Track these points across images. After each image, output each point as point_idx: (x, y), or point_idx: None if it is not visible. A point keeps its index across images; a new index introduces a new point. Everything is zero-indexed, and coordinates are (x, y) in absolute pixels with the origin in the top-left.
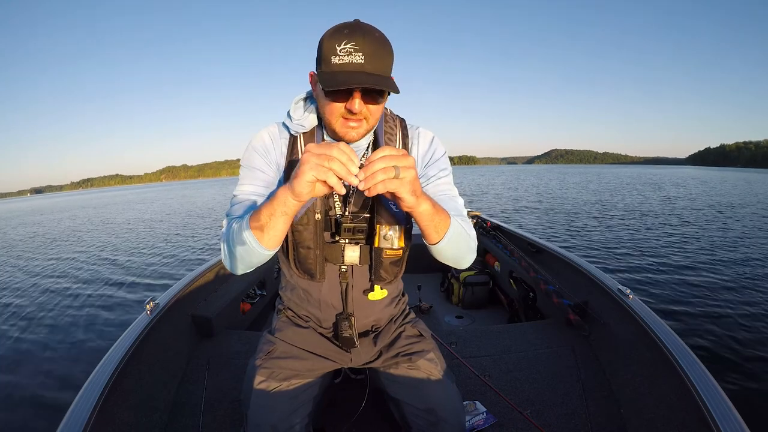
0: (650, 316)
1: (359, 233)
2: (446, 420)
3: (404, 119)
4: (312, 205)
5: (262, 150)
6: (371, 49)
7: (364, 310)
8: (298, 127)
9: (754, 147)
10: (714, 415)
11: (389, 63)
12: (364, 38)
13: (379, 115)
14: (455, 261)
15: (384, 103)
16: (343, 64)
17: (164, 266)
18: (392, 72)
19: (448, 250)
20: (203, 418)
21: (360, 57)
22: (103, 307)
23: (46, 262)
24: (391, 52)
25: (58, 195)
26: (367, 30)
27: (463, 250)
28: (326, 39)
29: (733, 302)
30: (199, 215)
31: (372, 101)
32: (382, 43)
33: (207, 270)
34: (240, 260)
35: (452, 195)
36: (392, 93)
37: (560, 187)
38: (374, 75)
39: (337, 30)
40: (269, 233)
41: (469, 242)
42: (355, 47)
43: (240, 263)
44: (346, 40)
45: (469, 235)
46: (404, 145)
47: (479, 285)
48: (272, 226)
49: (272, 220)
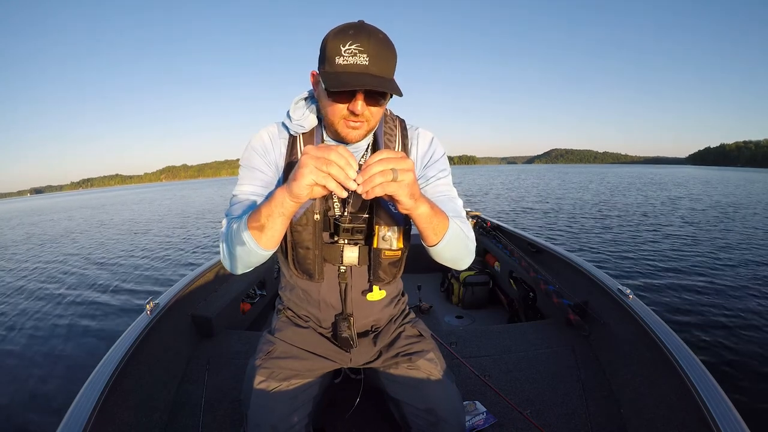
0: (650, 316)
1: (358, 234)
2: (446, 420)
3: (404, 120)
4: (311, 205)
5: (261, 150)
6: (376, 50)
7: (363, 310)
8: (297, 128)
9: (754, 146)
10: (714, 415)
11: (393, 65)
12: (368, 40)
13: (380, 117)
14: (453, 262)
15: (385, 105)
16: (347, 65)
17: (164, 266)
18: (395, 74)
19: (446, 251)
20: (203, 418)
21: (364, 58)
22: (103, 307)
23: (46, 262)
24: (394, 55)
25: (57, 195)
26: (371, 31)
27: (462, 252)
28: (330, 39)
29: (734, 302)
30: (199, 215)
31: (374, 103)
32: (386, 45)
33: (207, 270)
34: (239, 260)
35: (451, 196)
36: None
37: (560, 187)
38: (378, 77)
39: (342, 30)
40: (267, 234)
41: (467, 244)
42: (360, 48)
43: (239, 263)
44: (351, 41)
45: (468, 236)
46: (404, 146)
47: (479, 285)
48: (270, 226)
49: (270, 221)
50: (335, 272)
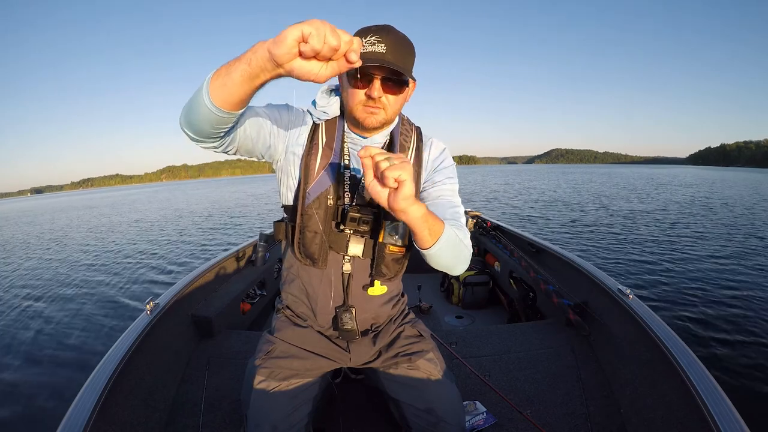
0: (650, 316)
1: (364, 224)
2: (446, 420)
3: (420, 128)
4: (325, 190)
5: (295, 111)
6: (393, 42)
7: (363, 304)
8: (321, 114)
9: (755, 146)
10: (714, 415)
11: (410, 60)
12: (388, 34)
13: (397, 108)
14: (447, 268)
15: (403, 97)
16: (366, 53)
17: (164, 266)
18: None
19: (440, 257)
20: (203, 418)
21: (382, 47)
22: (103, 307)
23: (46, 262)
24: (412, 52)
25: (57, 195)
26: (392, 29)
27: (456, 258)
28: (354, 35)
29: (734, 302)
30: (199, 215)
31: (391, 90)
32: (404, 41)
33: (207, 270)
34: (187, 104)
35: (453, 203)
36: (408, 94)
37: (560, 187)
38: (393, 63)
39: (366, 28)
40: (221, 80)
41: (462, 251)
42: (379, 40)
43: (185, 107)
44: (371, 34)
45: (464, 243)
46: (417, 149)
47: (479, 285)
48: (229, 74)
49: (233, 69)
50: (339, 262)
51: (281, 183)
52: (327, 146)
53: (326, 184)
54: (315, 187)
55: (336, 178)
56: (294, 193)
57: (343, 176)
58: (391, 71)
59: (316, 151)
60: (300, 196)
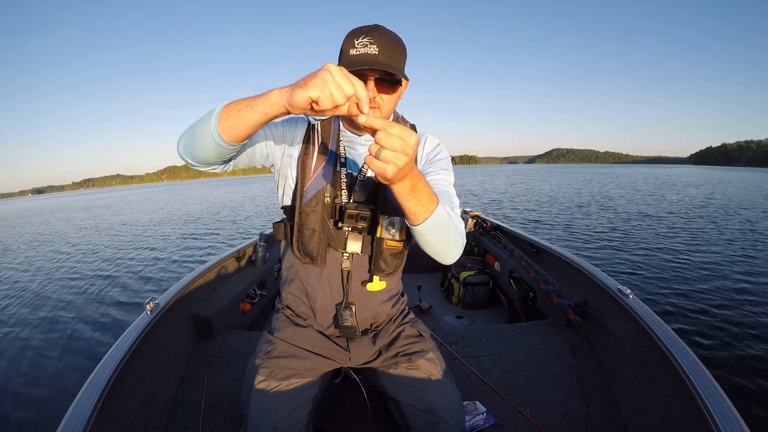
0: (650, 316)
1: (362, 221)
2: (446, 420)
3: (414, 125)
4: (322, 188)
5: (288, 119)
6: (385, 43)
7: (362, 302)
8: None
9: (756, 146)
10: (714, 415)
11: (402, 60)
12: (379, 35)
13: (391, 107)
14: (438, 251)
15: (396, 96)
16: (358, 55)
17: (164, 266)
18: (404, 73)
19: (431, 235)
20: (203, 418)
21: (374, 49)
22: (103, 307)
23: (46, 262)
24: (404, 51)
25: (58, 195)
26: (383, 29)
27: (449, 240)
28: (347, 37)
29: (734, 302)
30: (199, 215)
31: (385, 90)
32: (396, 41)
33: (207, 270)
34: (189, 134)
35: (448, 192)
36: (401, 92)
37: (559, 188)
38: (386, 65)
39: (358, 29)
40: (232, 119)
41: (455, 234)
42: (371, 41)
43: (185, 136)
44: (363, 36)
45: (456, 226)
46: None
47: (479, 285)
48: (242, 115)
49: (247, 110)
50: (337, 259)
51: (279, 185)
52: (323, 145)
53: (323, 183)
54: (312, 186)
55: (332, 176)
56: (292, 193)
57: (339, 174)
58: (385, 72)
59: (312, 150)
60: (297, 195)
